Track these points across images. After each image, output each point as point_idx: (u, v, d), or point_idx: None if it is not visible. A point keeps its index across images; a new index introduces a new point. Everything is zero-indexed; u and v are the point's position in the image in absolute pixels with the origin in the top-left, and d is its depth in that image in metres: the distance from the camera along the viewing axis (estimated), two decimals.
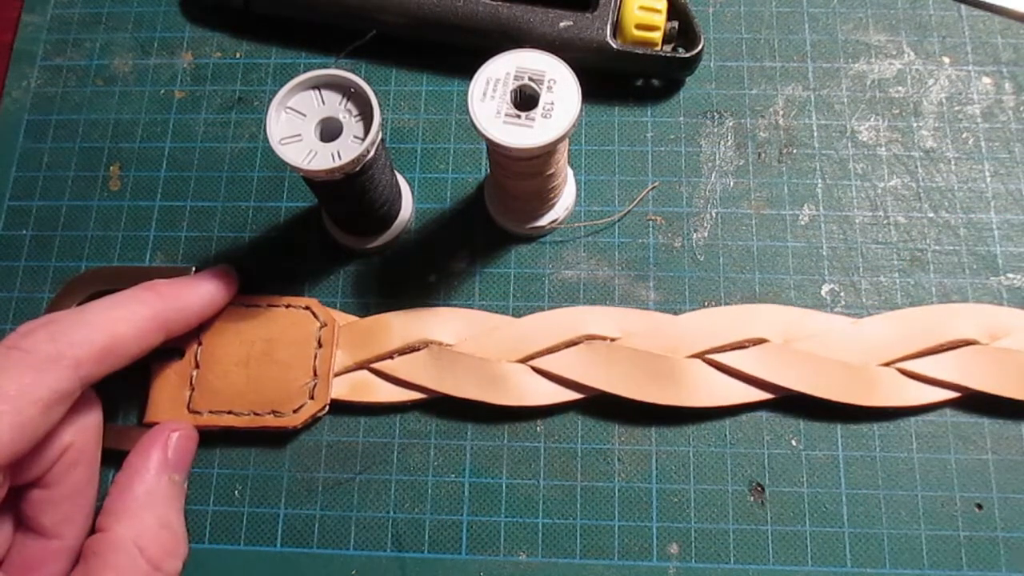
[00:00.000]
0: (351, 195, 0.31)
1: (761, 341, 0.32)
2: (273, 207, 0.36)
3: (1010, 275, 0.33)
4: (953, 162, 0.35)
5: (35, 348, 0.26)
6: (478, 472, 0.32)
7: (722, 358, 0.32)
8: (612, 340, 0.32)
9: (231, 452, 0.33)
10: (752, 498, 0.31)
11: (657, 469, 0.32)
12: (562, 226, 0.35)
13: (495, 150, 0.29)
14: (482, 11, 0.35)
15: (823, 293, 0.34)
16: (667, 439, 0.32)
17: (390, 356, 0.33)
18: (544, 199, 0.33)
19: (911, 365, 0.32)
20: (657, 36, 0.35)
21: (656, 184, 0.35)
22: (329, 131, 0.29)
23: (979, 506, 0.31)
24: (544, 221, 0.34)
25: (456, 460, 0.32)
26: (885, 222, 0.34)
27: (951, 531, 0.30)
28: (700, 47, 0.35)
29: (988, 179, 0.35)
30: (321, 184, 0.30)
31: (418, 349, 0.33)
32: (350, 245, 0.35)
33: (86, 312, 0.28)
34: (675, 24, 0.35)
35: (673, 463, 0.32)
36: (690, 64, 0.35)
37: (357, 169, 0.29)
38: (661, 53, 0.35)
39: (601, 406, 0.32)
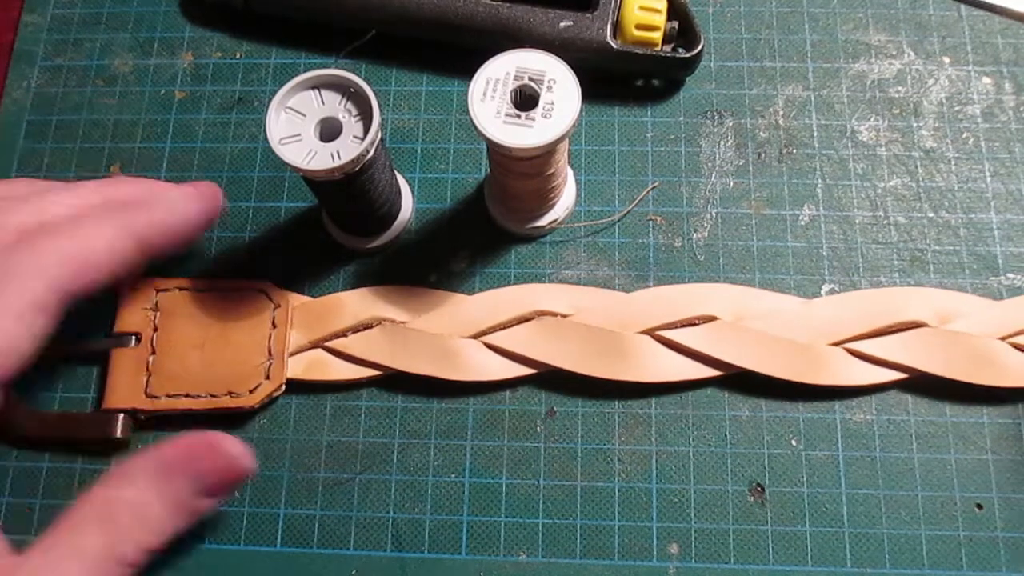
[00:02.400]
0: (351, 195, 0.31)
1: (712, 319, 0.32)
2: (273, 207, 0.36)
3: (1010, 275, 0.33)
4: (953, 162, 0.35)
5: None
6: (478, 472, 0.32)
7: (671, 335, 0.32)
8: (564, 316, 0.33)
9: None
10: (752, 498, 0.31)
11: (657, 469, 0.32)
12: (562, 226, 0.35)
13: (495, 150, 0.29)
14: (482, 11, 0.35)
15: (823, 293, 0.34)
16: (667, 439, 0.32)
17: (344, 334, 0.33)
18: (544, 199, 0.33)
19: (860, 346, 0.32)
20: (657, 36, 0.35)
21: (656, 184, 0.35)
22: (329, 131, 0.29)
23: (979, 506, 0.31)
24: (544, 221, 0.34)
25: (456, 460, 0.32)
26: (885, 222, 0.34)
27: (951, 531, 0.30)
28: (700, 47, 0.35)
29: (988, 179, 0.35)
30: (321, 184, 0.30)
31: (371, 327, 0.33)
32: (350, 245, 0.35)
33: (60, 226, 0.28)
34: (675, 24, 0.35)
35: (673, 463, 0.32)
36: (690, 64, 0.35)
37: (357, 169, 0.29)
38: (661, 53, 0.35)
39: (602, 404, 0.32)
